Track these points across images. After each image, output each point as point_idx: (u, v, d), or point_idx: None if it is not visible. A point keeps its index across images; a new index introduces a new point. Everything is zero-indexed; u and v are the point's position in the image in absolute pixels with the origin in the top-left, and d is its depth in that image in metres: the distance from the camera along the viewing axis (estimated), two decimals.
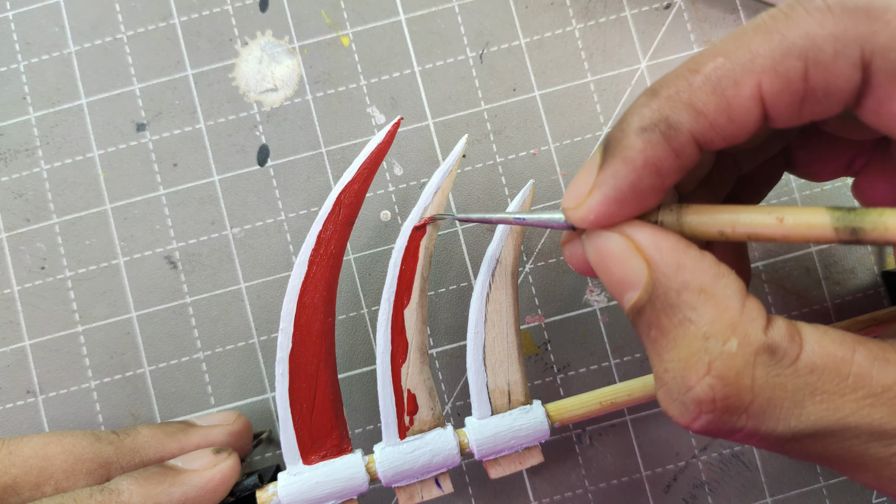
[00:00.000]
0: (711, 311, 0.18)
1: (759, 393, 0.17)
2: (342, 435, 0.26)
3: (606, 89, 0.32)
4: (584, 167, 0.20)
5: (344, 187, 0.26)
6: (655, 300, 0.18)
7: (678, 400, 0.18)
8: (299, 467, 0.25)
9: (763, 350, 0.17)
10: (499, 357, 0.26)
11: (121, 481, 0.24)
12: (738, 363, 0.17)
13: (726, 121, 0.18)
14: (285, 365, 0.25)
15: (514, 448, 0.26)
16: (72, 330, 0.31)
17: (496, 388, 0.26)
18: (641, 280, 0.19)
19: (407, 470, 0.25)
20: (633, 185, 0.19)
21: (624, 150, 0.18)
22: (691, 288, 0.18)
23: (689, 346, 0.18)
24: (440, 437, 0.26)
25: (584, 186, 0.19)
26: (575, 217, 0.20)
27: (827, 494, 0.31)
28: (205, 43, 0.32)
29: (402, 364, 0.26)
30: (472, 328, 0.26)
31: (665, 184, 0.19)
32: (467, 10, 0.32)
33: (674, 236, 0.19)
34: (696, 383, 0.18)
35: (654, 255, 0.18)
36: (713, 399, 0.18)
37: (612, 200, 0.19)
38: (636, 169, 0.18)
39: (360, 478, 0.25)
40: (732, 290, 0.18)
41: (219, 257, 0.31)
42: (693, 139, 0.18)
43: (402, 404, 0.26)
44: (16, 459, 0.24)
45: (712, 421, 0.18)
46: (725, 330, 0.17)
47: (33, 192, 0.31)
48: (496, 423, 0.26)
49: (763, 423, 0.17)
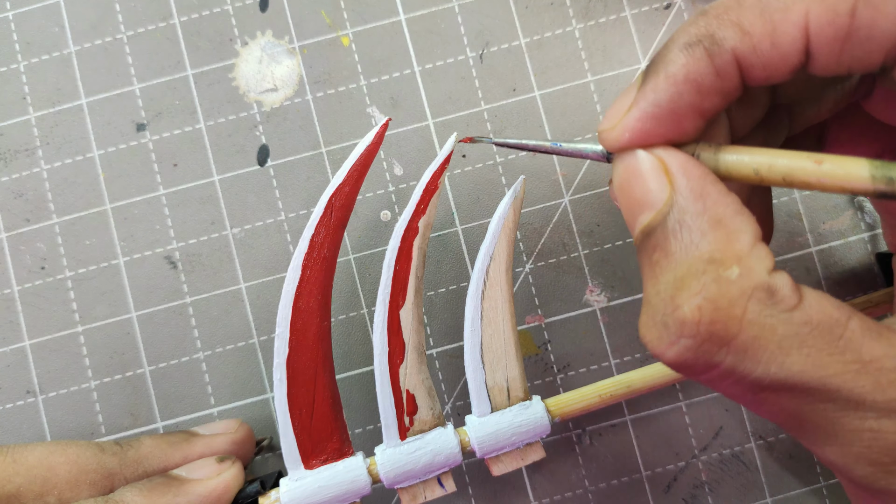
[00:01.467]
0: (721, 240, 0.17)
1: (747, 328, 0.17)
2: (343, 438, 0.26)
3: (606, 89, 0.32)
4: (623, 92, 0.20)
5: (335, 190, 0.26)
6: (669, 222, 0.18)
7: (660, 321, 0.18)
8: (301, 472, 0.25)
9: (762, 288, 0.17)
10: (496, 354, 0.26)
11: (125, 493, 0.24)
12: (734, 292, 0.17)
13: (769, 46, 0.18)
14: (283, 370, 0.25)
15: (516, 444, 0.26)
16: (72, 330, 0.31)
17: (495, 385, 0.26)
18: (660, 202, 0.18)
19: (409, 471, 0.25)
20: (672, 101, 0.18)
21: (666, 64, 0.18)
22: (709, 215, 0.18)
23: (689, 266, 0.17)
24: (441, 436, 0.26)
25: (622, 107, 0.19)
26: (610, 137, 0.19)
27: (827, 494, 0.31)
28: (205, 43, 0.32)
29: (399, 365, 0.26)
30: (468, 326, 0.26)
31: (705, 105, 0.19)
32: (467, 10, 0.32)
33: (705, 168, 0.19)
34: (684, 302, 0.17)
35: (680, 179, 0.18)
36: (698, 321, 0.17)
37: (649, 116, 0.19)
38: (676, 83, 0.18)
39: (362, 480, 0.25)
40: (748, 228, 0.18)
41: (219, 257, 0.31)
42: (735, 60, 0.18)
43: (401, 405, 0.26)
44: (20, 468, 0.24)
45: (690, 348, 0.17)
46: (730, 259, 0.17)
47: (33, 192, 0.31)
48: (496, 420, 0.26)
49: (742, 363, 0.17)
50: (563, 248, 0.32)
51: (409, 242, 0.26)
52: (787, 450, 0.31)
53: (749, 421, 0.31)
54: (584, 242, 0.32)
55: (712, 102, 0.19)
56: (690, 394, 0.31)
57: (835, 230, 0.32)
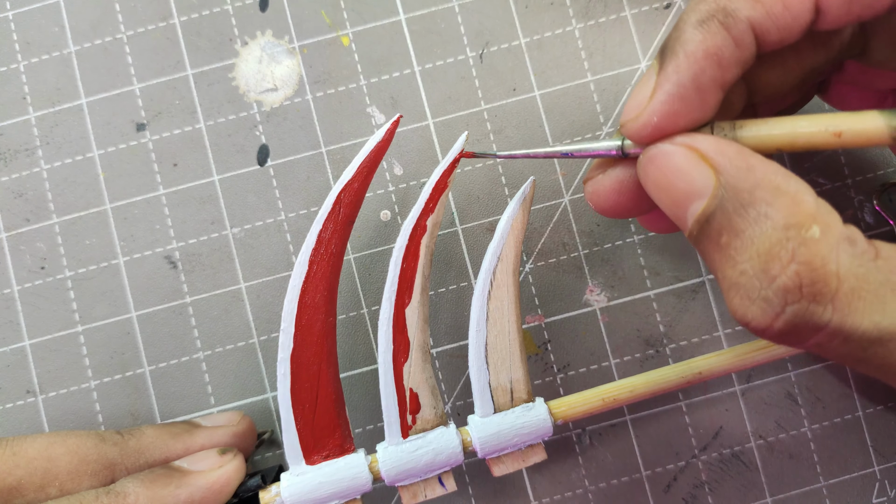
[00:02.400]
0: (789, 204, 0.17)
1: (845, 280, 0.17)
2: (345, 434, 0.26)
3: (606, 89, 0.32)
4: (640, 81, 0.19)
5: (343, 186, 0.26)
6: (726, 203, 0.18)
7: (759, 297, 0.18)
8: (302, 467, 0.25)
9: (846, 239, 0.17)
10: (501, 355, 0.26)
11: (127, 483, 0.24)
12: (823, 249, 0.17)
13: (781, 8, 0.18)
14: (287, 365, 0.25)
15: (517, 446, 0.26)
16: (72, 330, 0.31)
17: (498, 385, 0.26)
18: (708, 188, 0.18)
19: (410, 469, 0.25)
20: (696, 79, 0.18)
21: (684, 44, 0.18)
22: (764, 185, 0.18)
23: (769, 238, 0.17)
24: (443, 435, 0.26)
25: (644, 94, 0.19)
26: (636, 125, 0.19)
27: (827, 494, 0.31)
28: (205, 43, 0.32)
29: (404, 363, 0.26)
30: (473, 326, 0.26)
31: (726, 78, 0.19)
32: (467, 10, 0.32)
33: (736, 143, 0.19)
34: (780, 272, 0.17)
35: (721, 160, 0.18)
36: (800, 286, 0.17)
37: (675, 97, 0.19)
38: (698, 61, 0.18)
39: (363, 477, 0.25)
40: (804, 186, 0.18)
41: (219, 257, 0.31)
42: (751, 27, 0.18)
43: (404, 403, 0.26)
44: (20, 460, 0.24)
45: (798, 312, 0.17)
46: (807, 219, 0.17)
47: (33, 192, 0.31)
48: (499, 420, 0.26)
49: (849, 317, 0.17)
50: (563, 248, 0.32)
51: (417, 241, 0.26)
52: (787, 450, 0.31)
53: (749, 421, 0.31)
54: (584, 242, 0.32)
55: (733, 74, 0.19)
56: (690, 394, 0.31)
57: None
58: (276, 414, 0.31)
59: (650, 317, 0.32)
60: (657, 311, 0.32)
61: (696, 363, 0.28)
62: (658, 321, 0.32)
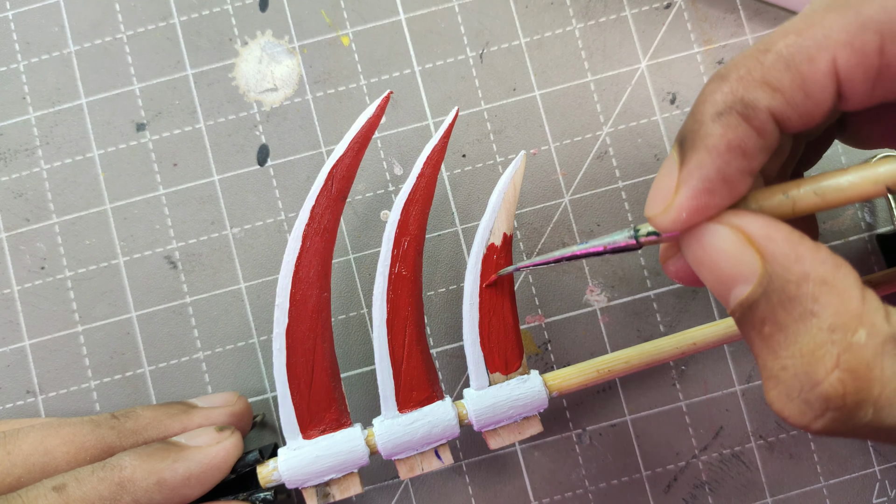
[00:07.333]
0: (836, 303, 0.17)
1: (888, 384, 0.16)
2: (341, 409, 0.26)
3: (606, 89, 0.32)
4: (660, 173, 0.19)
5: (336, 162, 0.26)
6: (771, 294, 0.17)
7: (800, 398, 0.17)
8: (299, 442, 0.25)
9: (890, 341, 0.17)
10: (495, 328, 0.26)
11: (123, 457, 0.24)
12: (868, 355, 0.16)
13: (803, 97, 0.18)
14: (282, 340, 0.25)
15: (513, 418, 0.26)
16: (72, 330, 0.31)
17: (493, 359, 0.26)
18: (754, 273, 0.18)
19: (406, 442, 0.26)
20: (721, 172, 0.18)
21: (704, 138, 0.18)
22: (813, 279, 0.17)
23: (814, 339, 0.17)
24: (439, 408, 0.26)
25: (668, 188, 0.19)
26: (665, 221, 0.19)
27: (827, 494, 0.31)
28: (205, 43, 0.32)
29: (399, 336, 0.26)
30: (467, 300, 0.26)
31: (752, 166, 0.18)
32: (467, 10, 0.32)
33: (786, 226, 0.18)
34: (824, 377, 0.17)
35: (769, 246, 0.18)
36: (843, 395, 0.17)
37: (702, 192, 0.18)
38: (721, 154, 0.18)
39: (359, 451, 0.25)
40: (852, 279, 0.17)
41: (219, 257, 0.31)
42: (772, 117, 0.18)
43: (399, 376, 0.26)
44: (16, 459, 0.24)
45: (837, 419, 0.17)
46: (852, 321, 0.17)
47: (33, 192, 0.31)
48: (494, 393, 0.26)
49: (888, 415, 0.17)
50: (563, 248, 0.32)
51: (409, 215, 0.26)
52: (787, 450, 0.31)
53: (749, 421, 0.31)
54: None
55: (759, 161, 0.18)
56: (690, 394, 0.31)
57: (835, 230, 0.32)
58: (277, 414, 0.31)
59: (650, 317, 0.31)
60: (657, 311, 0.32)
61: (690, 334, 0.27)
62: (658, 321, 0.31)
